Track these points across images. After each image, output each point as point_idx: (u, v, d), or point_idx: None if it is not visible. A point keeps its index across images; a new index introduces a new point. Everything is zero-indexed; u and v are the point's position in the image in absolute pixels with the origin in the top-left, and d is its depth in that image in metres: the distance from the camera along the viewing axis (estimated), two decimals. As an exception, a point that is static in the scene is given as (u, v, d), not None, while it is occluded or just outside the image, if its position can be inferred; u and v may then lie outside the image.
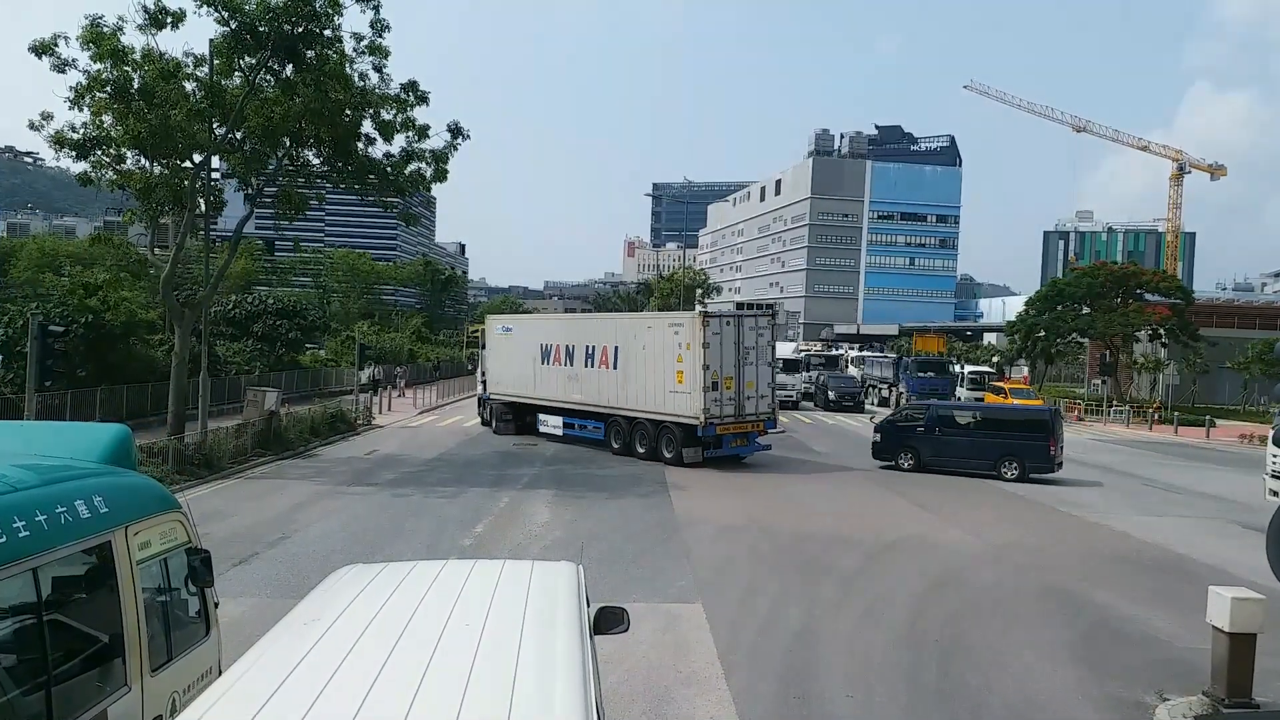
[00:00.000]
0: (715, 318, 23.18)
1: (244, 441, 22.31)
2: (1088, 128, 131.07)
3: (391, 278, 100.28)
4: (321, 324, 56.18)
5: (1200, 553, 14.42)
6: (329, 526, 14.85)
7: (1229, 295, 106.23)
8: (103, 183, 22.78)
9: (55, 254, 54.44)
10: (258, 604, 10.04)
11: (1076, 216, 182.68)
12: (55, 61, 20.56)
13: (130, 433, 5.13)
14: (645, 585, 11.42)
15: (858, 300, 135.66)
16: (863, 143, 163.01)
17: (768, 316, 24.98)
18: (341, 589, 3.82)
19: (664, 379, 23.17)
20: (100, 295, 28.26)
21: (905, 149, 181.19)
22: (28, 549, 3.60)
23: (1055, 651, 9.37)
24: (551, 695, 2.71)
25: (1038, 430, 21.92)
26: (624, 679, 8.05)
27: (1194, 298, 55.16)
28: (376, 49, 23.37)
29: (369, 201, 28.49)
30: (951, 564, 13.20)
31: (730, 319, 23.44)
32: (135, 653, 4.25)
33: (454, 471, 21.43)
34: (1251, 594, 7.59)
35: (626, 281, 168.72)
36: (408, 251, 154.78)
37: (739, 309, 42.94)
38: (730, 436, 22.80)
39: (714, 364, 22.22)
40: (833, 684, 8.25)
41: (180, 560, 4.89)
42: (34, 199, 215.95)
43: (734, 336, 22.74)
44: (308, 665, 2.91)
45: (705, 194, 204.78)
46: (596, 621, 4.48)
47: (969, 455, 22.28)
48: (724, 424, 22.41)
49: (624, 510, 16.83)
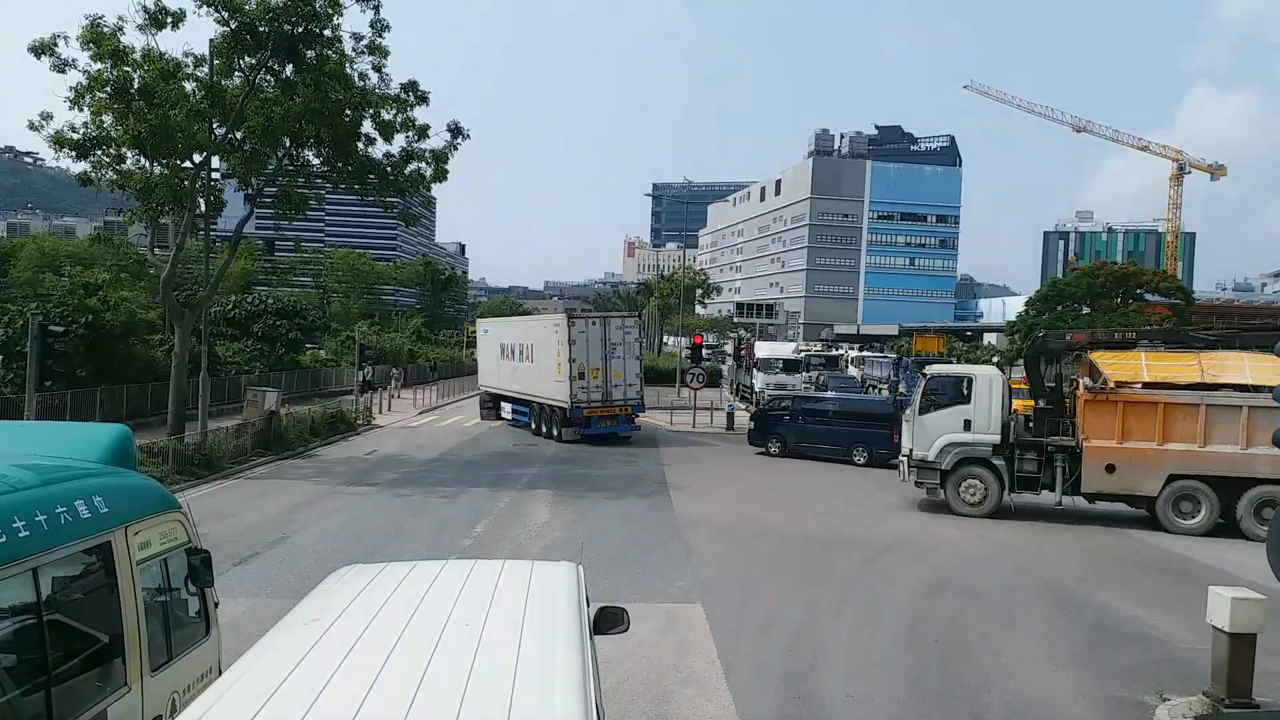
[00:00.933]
0: (581, 318, 28.60)
1: (244, 441, 22.30)
2: (1088, 128, 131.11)
3: (391, 278, 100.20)
4: (321, 324, 56.14)
5: (1200, 553, 14.42)
6: (329, 526, 14.85)
7: (1229, 295, 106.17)
8: (103, 183, 22.77)
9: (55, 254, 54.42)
10: (258, 604, 10.04)
11: (1076, 216, 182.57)
12: (55, 61, 20.55)
13: (130, 433, 5.13)
14: (645, 585, 11.42)
15: (858, 300, 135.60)
16: (863, 143, 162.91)
17: (634, 317, 30.65)
18: (341, 589, 3.82)
19: (551, 370, 27.73)
20: (100, 295, 28.23)
21: (905, 149, 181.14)
22: (28, 549, 3.60)
23: (1055, 651, 9.37)
24: (551, 695, 2.71)
25: (884, 421, 23.95)
26: (624, 679, 8.05)
27: (1194, 298, 55.32)
28: (376, 49, 23.36)
29: (369, 201, 28.48)
30: (953, 564, 13.20)
31: (596, 319, 28.58)
32: (135, 653, 4.25)
33: (454, 471, 21.43)
34: (1251, 594, 7.60)
35: (626, 281, 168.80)
36: (408, 251, 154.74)
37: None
38: (598, 419, 27.21)
39: (580, 357, 26.89)
40: (833, 684, 8.25)
41: (180, 560, 4.89)
42: (34, 199, 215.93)
43: (600, 334, 27.31)
44: (308, 665, 2.91)
45: (705, 194, 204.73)
46: (596, 621, 4.47)
47: (826, 442, 24.96)
48: (591, 408, 26.95)
49: (624, 510, 16.83)
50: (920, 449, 17.47)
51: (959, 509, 17.15)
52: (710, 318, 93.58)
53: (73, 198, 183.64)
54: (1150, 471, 16.11)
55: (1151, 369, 16.66)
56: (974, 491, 17.17)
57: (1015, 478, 17.10)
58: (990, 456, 17.08)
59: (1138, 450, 16.10)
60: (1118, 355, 17.31)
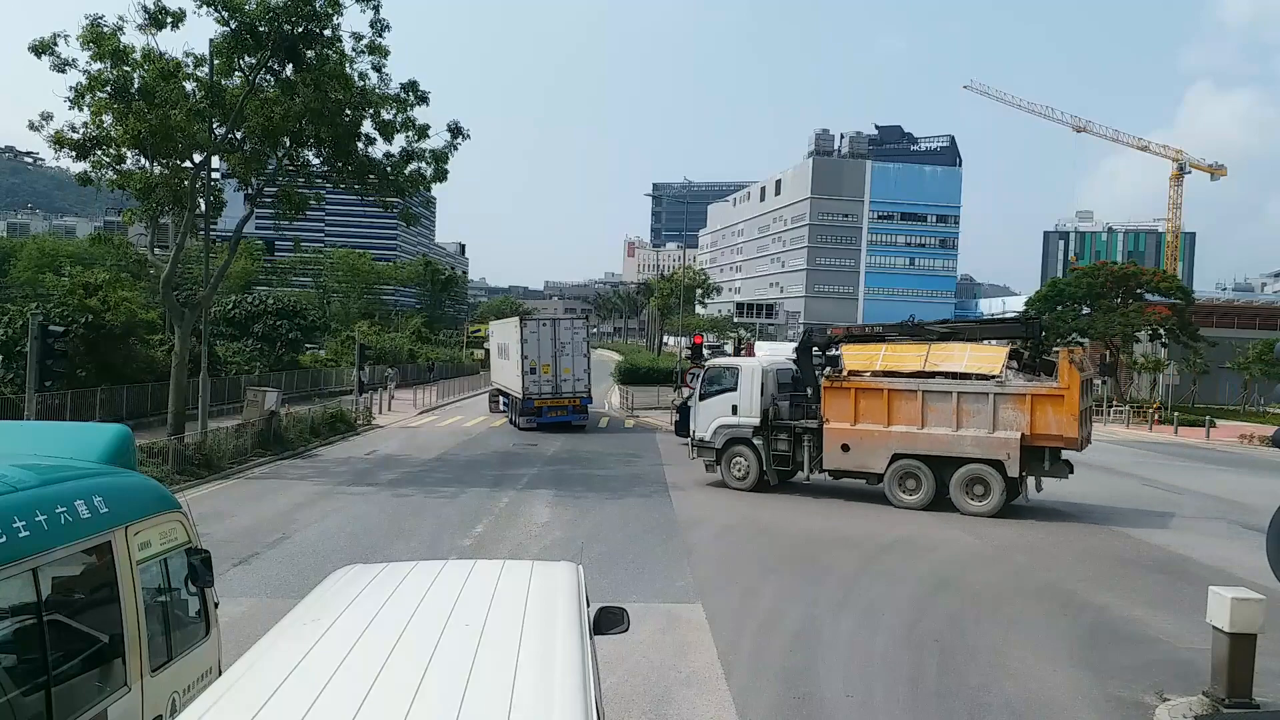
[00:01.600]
0: (533, 320, 32.63)
1: (244, 441, 22.30)
2: (1088, 128, 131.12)
3: (391, 278, 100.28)
4: (321, 324, 56.19)
5: (1200, 553, 14.41)
6: (329, 526, 14.85)
7: (1229, 295, 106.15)
8: (103, 183, 22.77)
9: (55, 254, 54.50)
10: (258, 604, 10.04)
11: (1076, 216, 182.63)
12: (55, 61, 20.57)
13: (130, 433, 5.13)
14: (645, 585, 11.42)
15: (858, 300, 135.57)
16: (863, 143, 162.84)
17: (582, 319, 33.93)
18: (341, 589, 3.82)
19: (515, 366, 31.23)
20: (100, 295, 28.24)
21: (905, 149, 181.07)
22: (28, 549, 3.60)
23: (1055, 651, 9.37)
24: (551, 696, 2.71)
25: None
26: (624, 679, 8.05)
27: (1194, 298, 55.15)
28: (376, 49, 23.37)
29: (369, 201, 28.48)
30: (953, 563, 13.20)
31: (546, 321, 32.26)
32: (135, 653, 4.25)
33: (454, 471, 21.43)
34: (1251, 594, 7.59)
35: (626, 281, 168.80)
36: (408, 251, 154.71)
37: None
38: (549, 408, 30.58)
39: (532, 355, 30.44)
40: (833, 684, 8.25)
41: (180, 560, 4.89)
42: (34, 199, 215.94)
43: (551, 334, 30.77)
44: (307, 665, 2.91)
45: (705, 194, 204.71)
46: (596, 621, 4.47)
47: None
48: (542, 399, 30.45)
49: (624, 510, 16.83)
50: (701, 430, 19.76)
51: (730, 483, 19.30)
52: (710, 318, 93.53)
53: (73, 198, 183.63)
54: (878, 451, 17.61)
55: (886, 359, 18.09)
56: (739, 468, 19.29)
57: (772, 455, 18.98)
58: (752, 437, 19.09)
59: (868, 431, 17.68)
60: (863, 346, 18.85)
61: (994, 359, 17.10)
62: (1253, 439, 34.84)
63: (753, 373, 19.35)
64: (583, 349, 31.38)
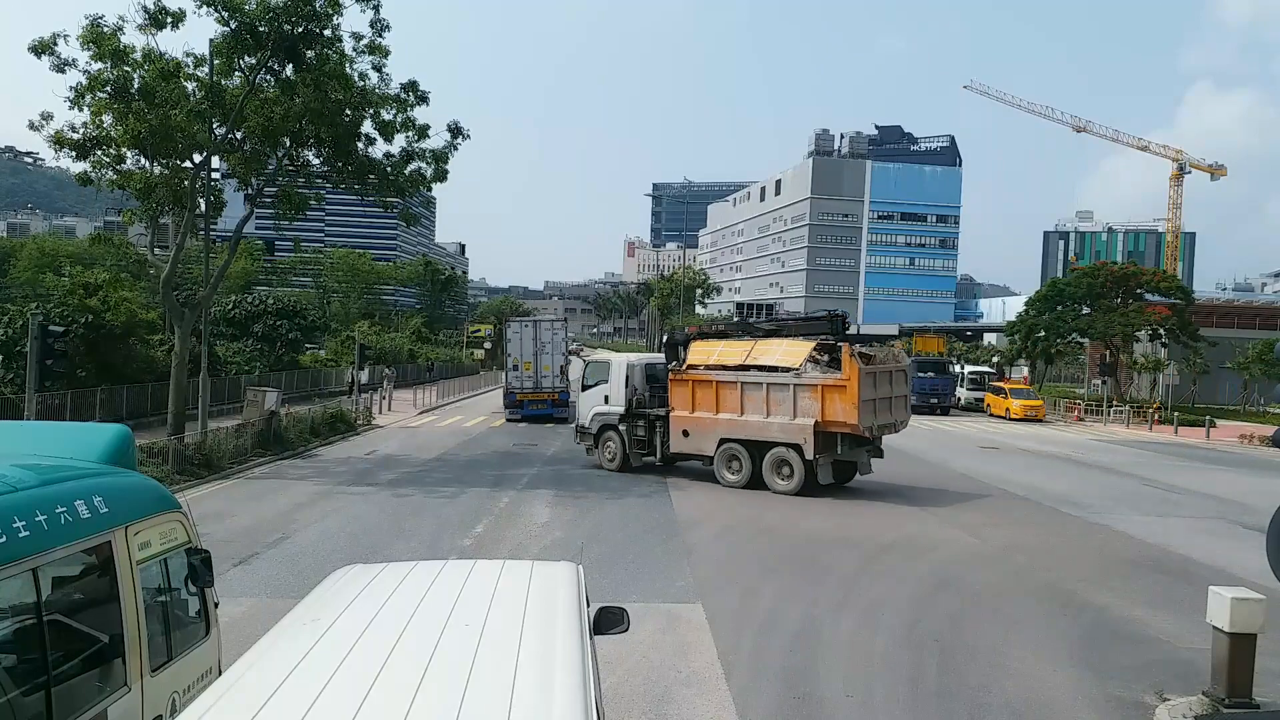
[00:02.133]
0: (516, 321, 36.78)
1: (244, 441, 22.29)
2: (1088, 128, 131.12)
3: (391, 278, 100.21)
4: (321, 324, 56.17)
5: (1200, 553, 14.41)
6: (329, 526, 14.85)
7: (1229, 295, 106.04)
8: (103, 183, 22.73)
9: (55, 254, 54.50)
10: (258, 604, 10.03)
11: (1076, 216, 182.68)
12: (55, 61, 20.52)
13: (130, 433, 5.13)
14: (645, 585, 11.41)
15: (858, 300, 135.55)
16: (863, 143, 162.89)
17: (561, 321, 36.62)
18: (341, 589, 3.82)
19: (506, 363, 34.67)
20: (100, 295, 28.23)
21: (905, 149, 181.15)
22: (28, 549, 3.60)
23: (1056, 651, 9.37)
24: (551, 696, 2.71)
25: None
26: (624, 679, 8.05)
27: (1194, 298, 55.06)
28: (376, 48, 23.34)
29: (369, 201, 28.43)
30: (953, 563, 13.20)
31: (528, 322, 35.93)
32: (135, 653, 4.25)
33: (454, 471, 21.43)
34: (1251, 594, 7.59)
35: (626, 282, 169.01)
36: (408, 251, 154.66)
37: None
38: (530, 402, 33.66)
39: (514, 353, 33.79)
40: (833, 684, 8.25)
41: (180, 560, 4.89)
42: (34, 199, 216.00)
43: (532, 335, 33.99)
44: (307, 665, 2.91)
45: (705, 194, 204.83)
46: (596, 621, 4.47)
47: None
48: (523, 393, 33.72)
49: (624, 510, 16.83)
50: (582, 418, 22.28)
51: (604, 465, 21.58)
52: (710, 318, 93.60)
53: (73, 198, 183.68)
54: (709, 436, 19.55)
55: (721, 354, 19.77)
56: (610, 451, 21.62)
57: (633, 439, 21.15)
58: (618, 424, 21.34)
59: (701, 419, 19.62)
60: (708, 343, 20.66)
61: (799, 353, 18.74)
62: (1253, 439, 34.86)
63: (620, 367, 21.66)
64: (561, 348, 34.18)
